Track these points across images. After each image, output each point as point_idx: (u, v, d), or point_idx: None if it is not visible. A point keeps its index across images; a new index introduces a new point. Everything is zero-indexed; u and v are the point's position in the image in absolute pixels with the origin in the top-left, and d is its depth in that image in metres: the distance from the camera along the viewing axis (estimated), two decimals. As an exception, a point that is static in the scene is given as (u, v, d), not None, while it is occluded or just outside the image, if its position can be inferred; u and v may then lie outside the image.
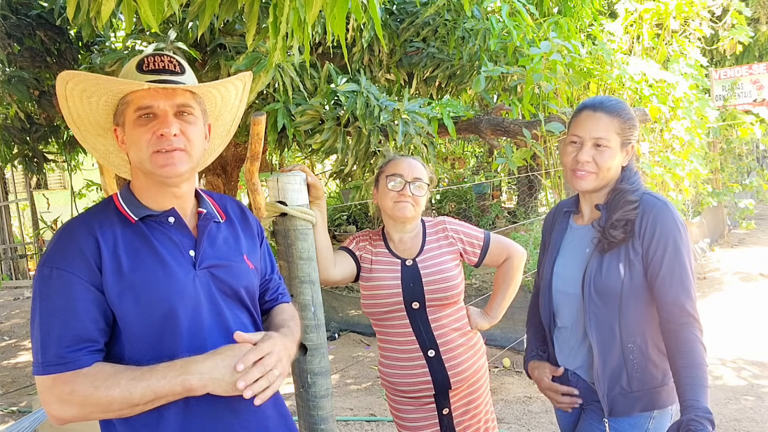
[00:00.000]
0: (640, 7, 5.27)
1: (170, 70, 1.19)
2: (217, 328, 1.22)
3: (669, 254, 1.45)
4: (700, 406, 1.32)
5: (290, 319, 1.39)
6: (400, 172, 1.86)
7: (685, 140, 5.04)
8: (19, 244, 10.12)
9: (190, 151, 1.20)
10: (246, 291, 1.30)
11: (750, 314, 5.20)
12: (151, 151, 1.17)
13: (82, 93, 1.19)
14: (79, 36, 4.09)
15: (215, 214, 1.33)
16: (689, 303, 1.43)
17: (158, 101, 1.16)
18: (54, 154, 5.99)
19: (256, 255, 1.38)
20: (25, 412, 3.88)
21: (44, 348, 1.10)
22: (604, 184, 1.57)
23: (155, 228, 1.22)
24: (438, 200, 10.61)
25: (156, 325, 1.16)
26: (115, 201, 1.25)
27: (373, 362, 4.77)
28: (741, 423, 3.30)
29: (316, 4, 1.74)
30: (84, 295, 1.12)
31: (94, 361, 1.12)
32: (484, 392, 1.95)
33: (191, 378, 1.09)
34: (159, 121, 1.17)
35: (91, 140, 1.30)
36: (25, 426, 2.45)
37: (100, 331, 1.14)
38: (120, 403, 1.08)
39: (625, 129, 1.54)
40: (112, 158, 1.36)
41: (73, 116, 1.24)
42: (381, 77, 3.88)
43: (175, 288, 1.18)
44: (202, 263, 1.23)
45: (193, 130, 1.21)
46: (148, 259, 1.18)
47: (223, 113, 1.39)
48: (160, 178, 1.20)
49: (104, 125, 1.27)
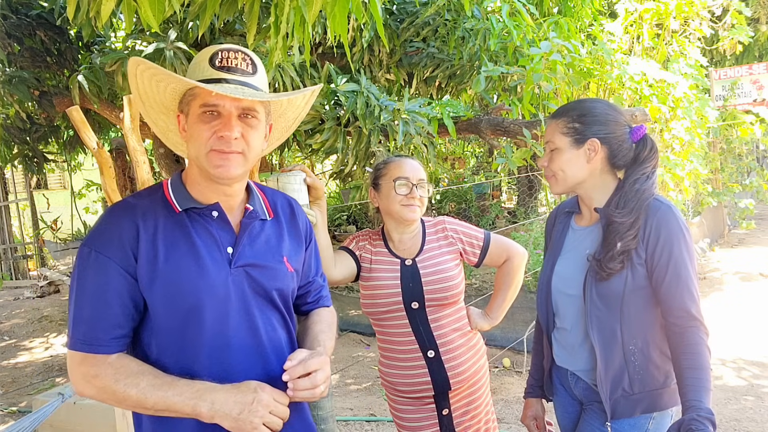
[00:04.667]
0: (640, 7, 5.27)
1: (242, 69, 1.19)
2: (244, 328, 1.22)
3: (674, 259, 1.44)
4: (702, 406, 1.32)
5: (327, 329, 1.38)
6: (405, 175, 1.86)
7: (685, 140, 5.04)
8: (19, 244, 10.12)
9: (247, 155, 1.21)
10: (279, 293, 1.28)
11: (750, 314, 5.20)
12: (209, 149, 1.18)
13: (152, 77, 1.20)
14: (79, 36, 4.09)
15: (262, 211, 1.32)
16: (695, 307, 1.43)
17: (224, 101, 1.16)
18: (54, 154, 6.00)
19: (298, 257, 1.36)
20: (25, 412, 3.88)
21: (75, 325, 1.15)
22: (571, 186, 1.57)
23: (197, 221, 1.22)
24: (438, 200, 10.61)
25: (179, 318, 1.17)
26: (164, 188, 1.26)
27: (373, 362, 4.77)
28: (741, 423, 3.30)
29: (317, 4, 1.74)
30: (117, 280, 1.15)
31: (119, 349, 1.16)
32: (484, 393, 1.94)
33: (203, 405, 1.10)
34: (222, 122, 1.17)
35: (154, 116, 1.32)
36: (25, 426, 2.45)
37: (127, 318, 1.16)
38: (134, 402, 1.12)
39: (572, 127, 1.53)
40: (170, 136, 1.38)
41: (139, 92, 1.25)
42: (381, 77, 3.88)
43: (205, 284, 1.18)
44: (237, 261, 1.22)
45: (253, 134, 1.21)
46: (184, 252, 1.18)
47: (287, 113, 1.40)
48: (213, 178, 1.21)
49: (169, 106, 1.28)
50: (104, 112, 4.22)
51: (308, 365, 1.16)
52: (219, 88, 1.13)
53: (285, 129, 1.45)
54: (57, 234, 10.14)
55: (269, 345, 1.25)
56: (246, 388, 1.13)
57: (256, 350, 1.23)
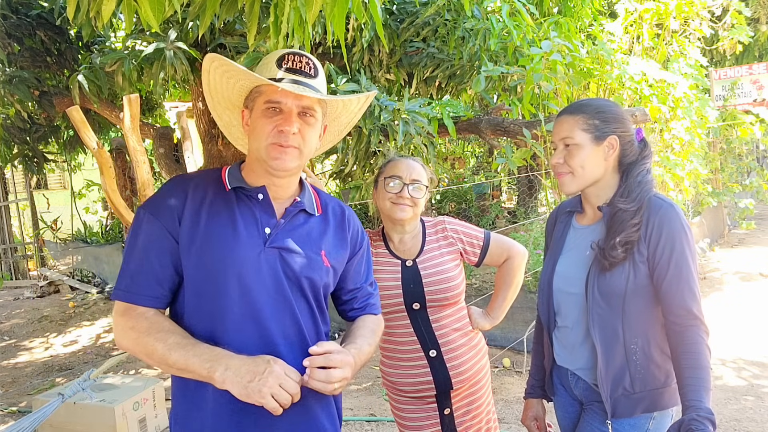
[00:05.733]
0: (640, 7, 5.28)
1: (305, 72, 1.32)
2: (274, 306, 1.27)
3: (676, 257, 1.44)
4: (702, 406, 1.32)
5: (369, 334, 1.44)
6: (398, 174, 1.86)
7: (685, 140, 5.04)
8: (19, 244, 10.12)
9: (303, 150, 1.31)
10: (309, 282, 1.32)
11: (750, 314, 5.20)
12: (270, 142, 1.28)
13: (225, 73, 1.31)
14: (79, 36, 4.09)
15: (311, 206, 1.40)
16: (696, 306, 1.43)
17: (287, 99, 1.28)
18: (54, 154, 6.00)
19: (338, 257, 1.41)
20: (25, 412, 3.89)
21: (121, 277, 1.27)
22: (587, 182, 1.56)
23: (243, 200, 1.32)
24: (438, 200, 10.61)
25: (209, 282, 1.24)
26: (222, 170, 1.38)
27: (373, 362, 4.77)
28: (741, 423, 3.30)
29: (317, 4, 1.74)
30: (161, 240, 1.26)
31: (157, 305, 1.26)
32: (485, 392, 1.94)
33: (218, 369, 1.15)
34: (283, 117, 1.28)
35: (219, 110, 1.43)
36: (25, 426, 2.45)
37: (166, 277, 1.26)
38: (159, 357, 1.20)
39: (592, 123, 1.53)
40: (233, 131, 1.49)
41: (210, 87, 1.37)
42: (381, 77, 3.88)
43: (236, 254, 1.25)
44: (273, 242, 1.29)
45: (310, 131, 1.32)
46: (223, 223, 1.28)
47: (342, 116, 1.50)
48: (269, 169, 1.31)
49: (235, 102, 1.40)
50: (104, 112, 4.22)
51: (330, 359, 1.21)
52: (284, 85, 1.25)
53: (338, 132, 1.55)
54: (57, 234, 10.12)
55: (294, 330, 1.30)
56: (261, 359, 1.18)
57: (281, 331, 1.28)
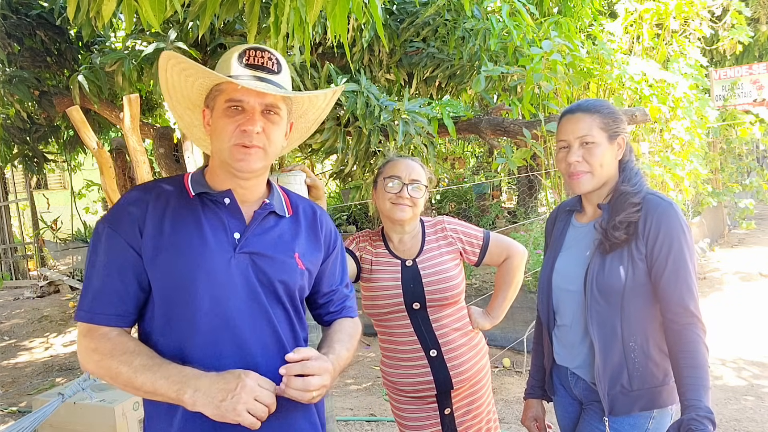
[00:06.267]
0: (640, 7, 5.28)
1: (268, 68, 1.25)
2: (247, 315, 1.22)
3: (674, 255, 1.45)
4: (701, 405, 1.32)
5: (346, 339, 1.39)
6: (397, 174, 1.86)
7: (685, 140, 5.05)
8: (19, 244, 10.11)
9: (268, 149, 1.25)
10: (284, 286, 1.28)
11: (750, 314, 5.20)
12: (233, 143, 1.22)
13: (182, 71, 1.25)
14: (79, 36, 4.09)
15: (281, 208, 1.35)
16: (693, 304, 1.44)
17: (249, 97, 1.21)
18: (54, 154, 6.00)
19: (312, 259, 1.36)
20: (25, 412, 3.88)
21: (83, 296, 1.20)
22: (602, 181, 1.58)
23: (208, 206, 1.26)
24: (438, 200, 10.61)
25: (177, 293, 1.19)
26: (184, 177, 1.32)
27: (373, 362, 4.77)
28: (741, 423, 3.30)
29: (317, 4, 1.74)
30: (123, 255, 1.19)
31: (121, 324, 1.19)
32: (486, 392, 1.94)
33: (187, 391, 1.10)
34: (245, 117, 1.22)
35: (180, 110, 1.36)
36: (25, 426, 2.45)
37: (130, 294, 1.20)
38: (124, 380, 1.13)
39: (607, 122, 1.55)
40: (195, 131, 1.42)
41: (168, 86, 1.30)
42: (381, 77, 3.88)
43: (204, 263, 1.20)
44: (243, 248, 1.24)
45: (274, 130, 1.26)
46: (189, 231, 1.22)
47: (308, 113, 1.43)
48: (234, 171, 1.25)
49: (195, 101, 1.33)
50: (104, 112, 4.22)
51: (307, 367, 1.16)
52: (245, 83, 1.19)
53: (305, 129, 1.49)
54: (57, 234, 10.12)
55: (271, 337, 1.25)
56: (231, 375, 1.12)
57: (257, 340, 1.23)
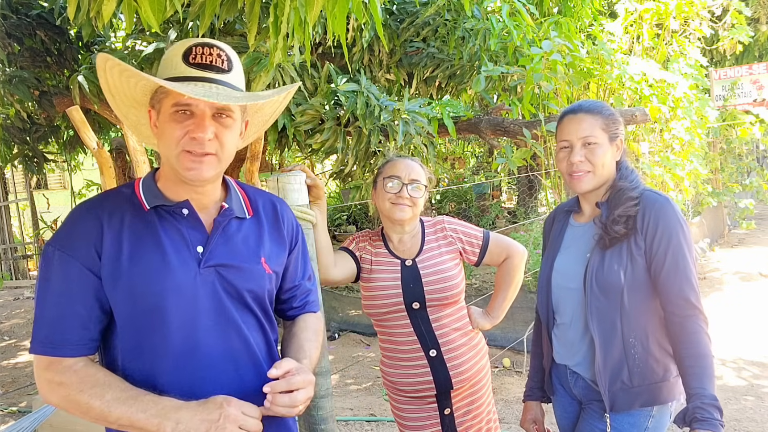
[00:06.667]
0: (640, 7, 5.28)
1: (218, 66, 1.13)
2: (216, 331, 1.17)
3: (672, 248, 1.46)
4: (706, 393, 1.32)
5: (314, 337, 1.33)
6: (397, 174, 1.86)
7: (685, 140, 5.05)
8: (19, 244, 10.12)
9: (221, 156, 1.16)
10: (252, 295, 1.22)
11: (750, 314, 5.20)
12: (181, 149, 1.12)
13: (122, 73, 1.14)
14: (79, 36, 4.09)
15: (240, 209, 1.27)
16: (693, 295, 1.45)
17: (198, 101, 1.11)
18: (54, 154, 6.00)
19: (279, 259, 1.30)
20: (25, 412, 3.88)
21: (37, 327, 1.10)
22: (602, 181, 1.60)
23: (166, 219, 1.17)
24: (438, 200, 10.62)
25: (143, 319, 1.12)
26: (135, 186, 1.22)
27: (373, 362, 4.77)
28: (741, 423, 3.30)
29: (317, 4, 1.74)
30: (80, 280, 1.10)
31: (85, 352, 1.11)
32: (486, 392, 1.94)
33: (167, 425, 1.04)
34: (195, 122, 1.12)
35: (124, 110, 1.26)
36: (25, 426, 2.45)
37: (92, 319, 1.12)
38: (97, 415, 1.07)
39: (609, 124, 1.58)
40: (142, 129, 1.32)
41: (109, 86, 1.20)
42: (381, 77, 3.88)
43: (169, 283, 1.12)
44: (208, 261, 1.16)
45: (228, 134, 1.16)
46: (149, 250, 1.13)
47: (264, 108, 1.34)
48: (184, 179, 1.16)
49: (140, 100, 1.22)
50: (104, 112, 4.22)
51: (292, 382, 1.11)
52: (192, 90, 1.08)
53: (262, 123, 1.39)
54: (57, 234, 10.12)
55: (244, 350, 1.20)
56: (212, 404, 1.07)
57: (229, 355, 1.18)
